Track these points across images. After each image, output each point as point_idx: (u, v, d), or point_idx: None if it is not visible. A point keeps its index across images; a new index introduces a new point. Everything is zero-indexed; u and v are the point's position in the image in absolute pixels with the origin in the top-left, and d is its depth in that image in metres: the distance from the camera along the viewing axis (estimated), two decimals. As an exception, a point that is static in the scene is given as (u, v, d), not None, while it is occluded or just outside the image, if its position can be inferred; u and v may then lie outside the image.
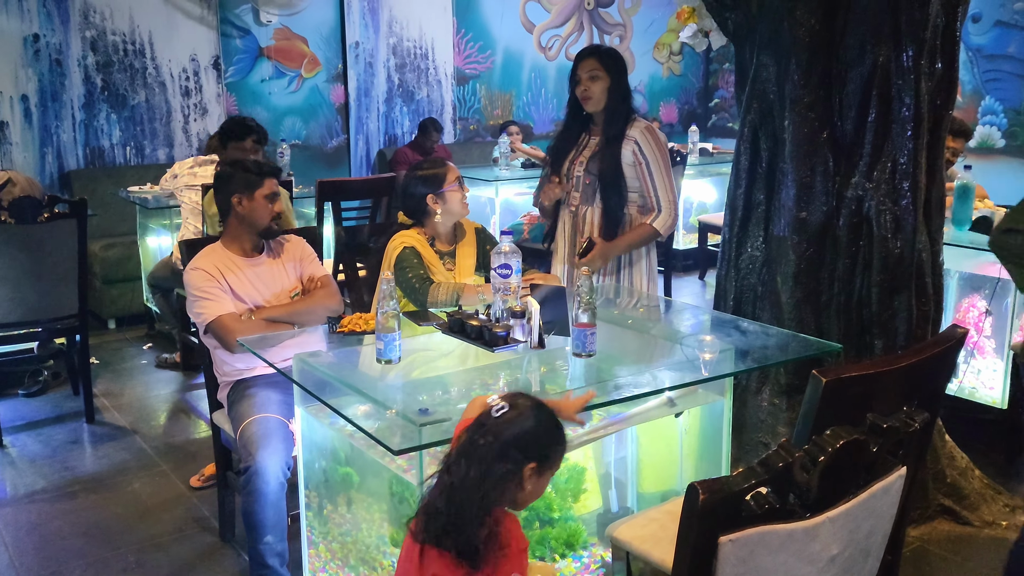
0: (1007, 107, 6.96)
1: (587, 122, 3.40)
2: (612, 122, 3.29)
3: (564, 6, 8.44)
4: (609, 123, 3.30)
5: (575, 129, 3.44)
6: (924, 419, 1.36)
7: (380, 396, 2.25)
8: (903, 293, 3.09)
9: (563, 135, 3.50)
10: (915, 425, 1.37)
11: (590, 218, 3.35)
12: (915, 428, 1.37)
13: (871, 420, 1.30)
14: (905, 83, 2.96)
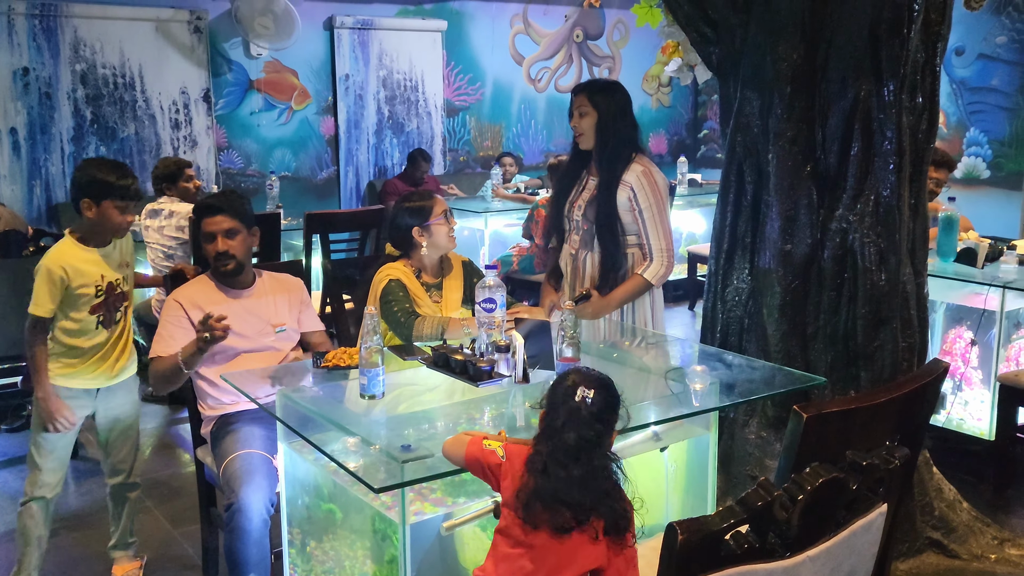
0: (991, 138, 7.03)
1: (589, 158, 3.29)
2: (607, 163, 3.17)
3: (553, 39, 8.53)
4: (604, 164, 3.18)
5: (577, 165, 3.34)
6: (904, 456, 1.35)
7: (364, 432, 2.24)
8: (888, 325, 3.10)
9: (567, 171, 3.40)
10: (895, 462, 1.37)
11: (589, 263, 3.27)
12: (895, 465, 1.37)
13: (850, 458, 1.30)
14: (887, 117, 2.99)
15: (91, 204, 2.83)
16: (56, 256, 2.86)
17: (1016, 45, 6.82)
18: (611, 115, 3.16)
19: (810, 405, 1.73)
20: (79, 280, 2.88)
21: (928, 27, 3.04)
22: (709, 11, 3.28)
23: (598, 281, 3.24)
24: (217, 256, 2.96)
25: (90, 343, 2.97)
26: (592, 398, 1.80)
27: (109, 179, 2.84)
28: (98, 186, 2.82)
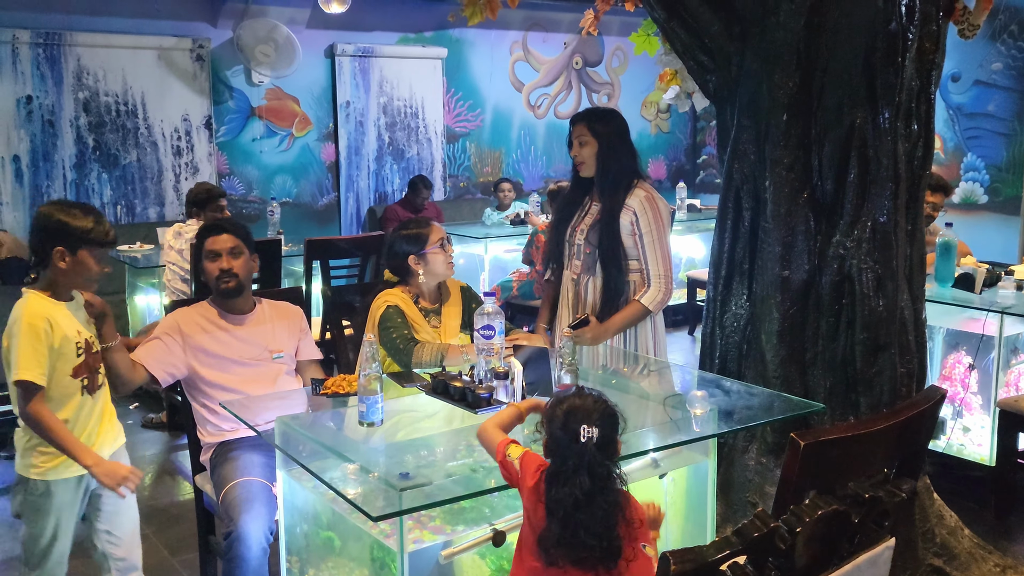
0: (988, 163, 7.07)
1: (590, 185, 3.31)
2: (610, 190, 3.20)
3: (553, 65, 8.59)
4: (606, 191, 3.21)
5: (578, 193, 3.36)
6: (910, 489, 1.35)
7: (362, 459, 2.24)
8: (887, 351, 3.10)
9: (568, 198, 3.42)
10: (901, 495, 1.36)
11: (591, 287, 3.28)
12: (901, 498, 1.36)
13: (852, 490, 1.30)
14: (882, 144, 3.01)
15: (64, 253, 2.45)
16: (32, 308, 2.44)
17: (1012, 72, 6.88)
18: (611, 143, 3.20)
19: (807, 432, 1.74)
20: (60, 336, 2.46)
21: (922, 55, 3.07)
22: (705, 40, 3.31)
23: (599, 307, 3.25)
24: (221, 274, 2.98)
25: (75, 415, 2.54)
26: (596, 434, 1.78)
27: (86, 225, 2.47)
28: (74, 233, 2.45)
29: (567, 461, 1.79)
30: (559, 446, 1.81)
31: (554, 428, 1.83)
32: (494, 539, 2.17)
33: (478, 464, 2.27)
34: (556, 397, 1.89)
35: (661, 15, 3.36)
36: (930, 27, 3.06)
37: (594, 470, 1.77)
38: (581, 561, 1.79)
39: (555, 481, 1.81)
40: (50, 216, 2.47)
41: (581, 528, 1.76)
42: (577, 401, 1.83)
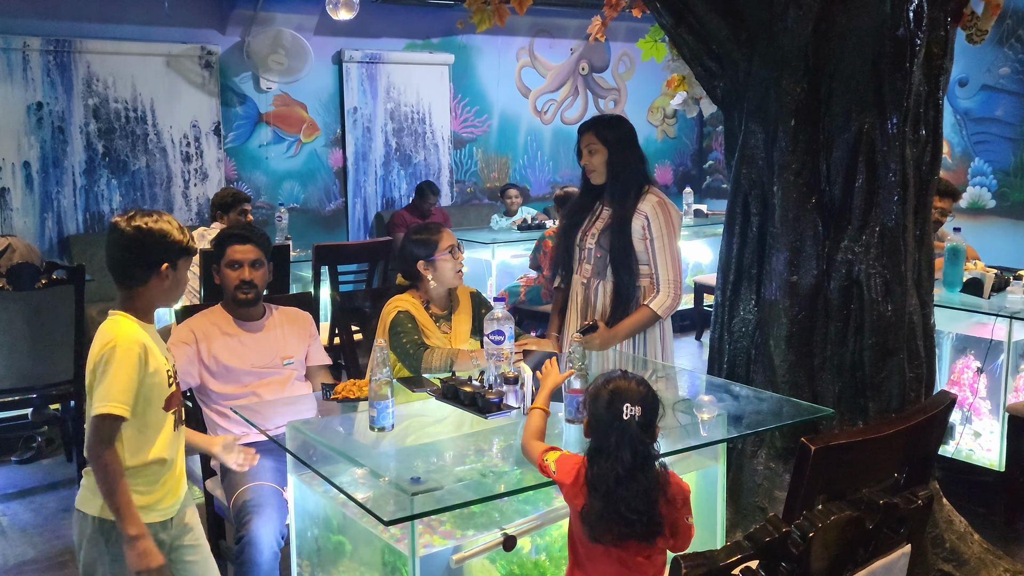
0: (996, 168, 7.06)
1: (600, 192, 3.33)
2: (620, 195, 3.22)
3: (559, 71, 8.61)
4: (616, 196, 3.23)
5: (588, 199, 3.38)
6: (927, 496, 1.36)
7: (373, 464, 2.25)
8: (895, 356, 3.10)
9: (577, 205, 3.44)
10: (917, 502, 1.36)
11: (602, 292, 3.29)
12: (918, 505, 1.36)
13: (867, 496, 1.30)
14: (890, 149, 3.02)
15: (169, 269, 2.20)
16: (127, 332, 2.15)
17: (1019, 76, 6.87)
18: (620, 149, 3.24)
19: (818, 437, 1.74)
20: (154, 364, 2.18)
21: (930, 60, 3.07)
22: (713, 45, 3.32)
23: (609, 311, 3.27)
24: (241, 284, 3.01)
25: (171, 453, 2.26)
26: (638, 414, 1.87)
27: (182, 236, 2.22)
28: (174, 246, 2.20)
29: (609, 438, 1.86)
30: (601, 423, 1.89)
31: (598, 406, 1.91)
32: (505, 543, 2.18)
33: (487, 469, 2.29)
34: (601, 377, 1.96)
35: (669, 21, 3.37)
36: (938, 32, 3.07)
37: (636, 448, 1.85)
38: (623, 536, 1.85)
39: (597, 457, 1.88)
40: (148, 230, 2.16)
41: (622, 503, 1.83)
42: (622, 382, 1.91)
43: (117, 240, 2.18)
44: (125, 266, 2.19)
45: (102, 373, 2.11)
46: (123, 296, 2.22)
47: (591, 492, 1.87)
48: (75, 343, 4.11)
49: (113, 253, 2.20)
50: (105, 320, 2.21)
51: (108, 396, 2.08)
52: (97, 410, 2.08)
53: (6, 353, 3.97)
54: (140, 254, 2.16)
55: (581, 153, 3.32)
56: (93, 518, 2.21)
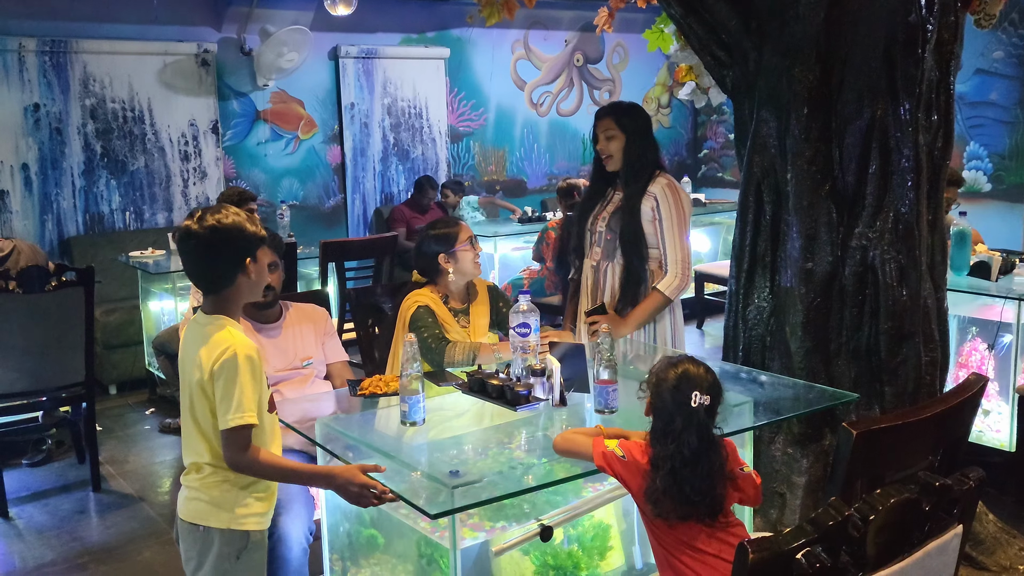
0: (992, 152, 7.11)
1: (613, 178, 3.36)
2: (633, 180, 3.26)
3: (554, 63, 8.61)
4: (629, 181, 3.27)
5: (601, 185, 3.41)
6: (978, 477, 1.38)
7: (406, 458, 2.27)
8: (911, 340, 3.13)
9: (590, 192, 3.46)
10: (969, 483, 1.38)
11: (611, 274, 3.32)
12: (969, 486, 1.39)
13: (923, 478, 1.32)
14: (903, 135, 3.04)
15: (251, 262, 2.14)
16: (241, 339, 2.11)
17: (1013, 60, 6.91)
18: (637, 136, 3.27)
19: (859, 422, 1.76)
20: (261, 368, 2.16)
21: (941, 46, 3.10)
22: (722, 35, 3.33)
23: (619, 293, 3.29)
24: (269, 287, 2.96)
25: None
26: (707, 402, 1.92)
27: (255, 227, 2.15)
28: (251, 237, 2.14)
29: (675, 421, 1.92)
30: (667, 407, 1.94)
31: (664, 390, 1.95)
32: (541, 534, 2.20)
33: (516, 461, 2.30)
34: (667, 360, 2.01)
35: (677, 11, 3.38)
36: (948, 18, 3.09)
37: (702, 433, 1.91)
38: (686, 516, 1.92)
39: (662, 438, 1.94)
40: (225, 227, 2.08)
41: (687, 484, 1.89)
42: (691, 368, 1.96)
43: (195, 247, 2.09)
44: (212, 270, 2.12)
45: (228, 383, 2.05)
46: (213, 301, 2.14)
47: (653, 471, 1.93)
48: (86, 345, 4.09)
49: (195, 261, 2.13)
50: (211, 325, 2.11)
51: (241, 407, 2.05)
52: (232, 422, 2.04)
53: (17, 356, 3.95)
54: (225, 254, 2.09)
55: (597, 138, 3.33)
56: (220, 532, 2.15)
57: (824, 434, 3.21)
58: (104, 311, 5.68)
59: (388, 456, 2.22)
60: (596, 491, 2.46)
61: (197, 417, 2.13)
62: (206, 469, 2.14)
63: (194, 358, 2.11)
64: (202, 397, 2.10)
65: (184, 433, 2.19)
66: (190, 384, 2.13)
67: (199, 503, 2.16)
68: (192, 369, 2.12)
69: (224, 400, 2.05)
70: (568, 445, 2.11)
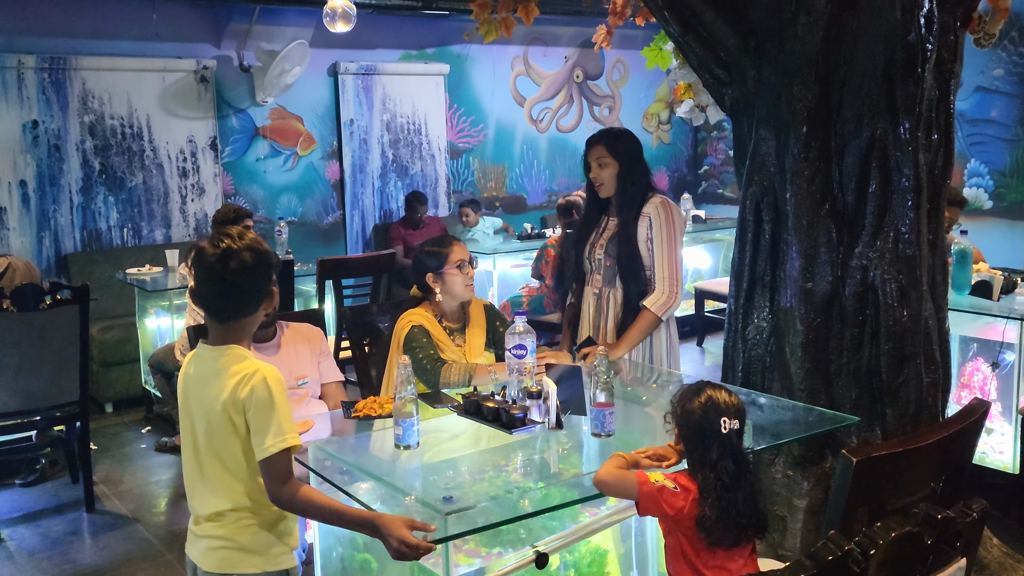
0: (992, 169, 7.09)
1: (606, 204, 3.36)
2: (627, 205, 3.25)
3: (554, 79, 8.61)
4: (623, 207, 3.26)
5: (595, 212, 3.40)
6: (981, 509, 1.34)
7: (398, 482, 2.23)
8: (912, 361, 3.10)
9: (584, 219, 3.45)
10: (972, 515, 1.35)
11: (613, 300, 3.30)
12: (973, 518, 1.35)
13: (925, 511, 1.29)
14: (903, 155, 3.02)
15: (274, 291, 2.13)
16: (262, 363, 2.04)
17: (1013, 77, 6.91)
18: (630, 162, 3.27)
19: (858, 449, 1.73)
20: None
21: (941, 66, 3.08)
22: (721, 53, 3.32)
23: (620, 319, 3.27)
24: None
25: None
26: (736, 426, 1.98)
27: (268, 248, 2.10)
28: (273, 260, 2.13)
29: (709, 450, 1.96)
30: (699, 437, 1.99)
31: (692, 420, 2.00)
32: (537, 561, 2.16)
33: (512, 485, 2.26)
34: (687, 389, 2.05)
35: (676, 29, 3.37)
36: (948, 37, 3.07)
37: (737, 457, 1.97)
38: (738, 541, 1.96)
39: (700, 468, 1.98)
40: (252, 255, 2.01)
41: (733, 509, 1.93)
42: (714, 394, 2.01)
43: (222, 276, 1.98)
44: (239, 298, 2.02)
45: (263, 408, 1.95)
46: (225, 330, 2.03)
47: (703, 498, 1.95)
48: (80, 363, 4.06)
49: (220, 290, 2.01)
50: (225, 356, 2.02)
51: (281, 430, 1.94)
52: (274, 448, 1.93)
53: (11, 375, 3.92)
54: (257, 283, 2.02)
55: (589, 166, 3.32)
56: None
57: (825, 456, 3.17)
58: (101, 328, 5.65)
59: (381, 480, 2.19)
60: (594, 516, 2.42)
61: (222, 459, 2.01)
62: (230, 516, 2.03)
63: (211, 394, 2.00)
64: (229, 434, 1.99)
65: (200, 481, 2.06)
66: (209, 423, 2.01)
67: (227, 551, 2.03)
68: (210, 406, 2.00)
69: (262, 428, 1.95)
70: (613, 480, 2.01)
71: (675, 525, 1.99)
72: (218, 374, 2.00)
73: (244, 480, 2.01)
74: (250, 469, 2.00)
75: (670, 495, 1.98)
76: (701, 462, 1.98)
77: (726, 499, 1.94)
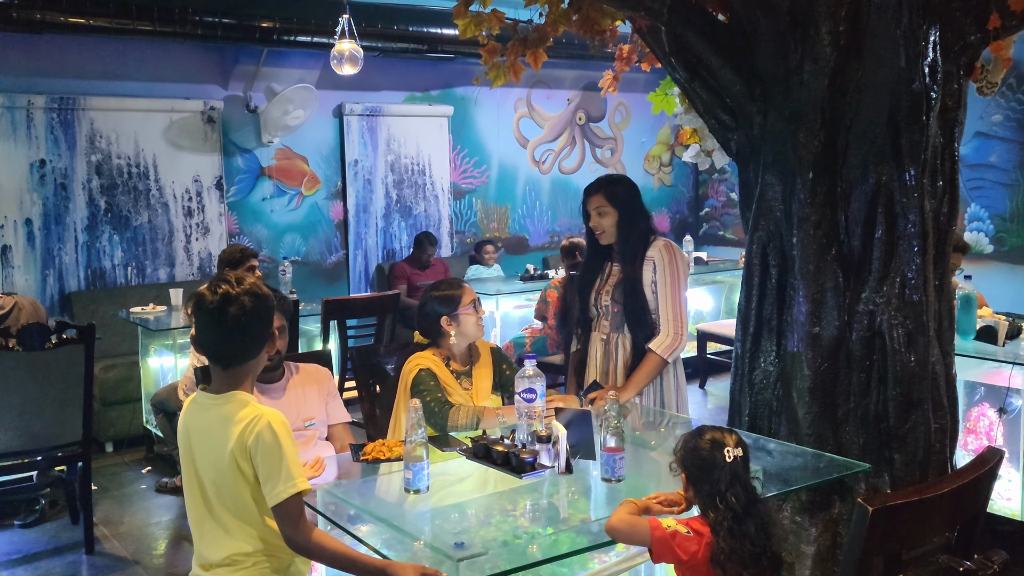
0: (993, 214, 7.13)
1: (608, 250, 3.37)
2: (630, 252, 3.26)
3: (557, 121, 8.69)
4: (626, 254, 3.27)
5: (598, 260, 3.40)
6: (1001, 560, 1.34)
7: (408, 527, 2.21)
8: (920, 407, 3.09)
9: (587, 267, 3.45)
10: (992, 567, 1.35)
11: (621, 346, 3.31)
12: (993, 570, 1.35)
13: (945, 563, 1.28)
14: (909, 201, 3.04)
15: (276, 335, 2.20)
16: (266, 408, 2.09)
17: (1012, 123, 6.98)
18: (629, 208, 3.28)
19: (875, 498, 1.72)
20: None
21: (945, 113, 3.11)
22: (727, 99, 3.35)
23: (630, 364, 3.27)
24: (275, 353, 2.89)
25: None
26: (740, 454, 2.03)
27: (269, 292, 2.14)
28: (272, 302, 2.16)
29: (719, 483, 2.01)
30: (707, 470, 2.03)
31: (698, 457, 2.05)
32: (547, 609, 2.13)
33: (520, 530, 2.24)
34: (690, 434, 2.12)
35: (683, 75, 3.41)
36: (952, 85, 3.11)
37: (746, 485, 2.02)
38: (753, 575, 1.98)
39: (711, 502, 2.01)
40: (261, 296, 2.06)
41: (747, 540, 1.97)
42: (716, 433, 2.09)
43: (222, 322, 2.00)
44: (240, 343, 2.04)
45: (270, 455, 1.98)
46: (228, 376, 2.06)
47: (715, 535, 1.98)
48: (84, 403, 4.04)
49: (221, 337, 2.03)
50: (229, 404, 2.05)
51: (291, 475, 1.97)
52: (289, 492, 1.96)
53: (14, 414, 3.90)
54: (256, 328, 2.05)
55: (589, 215, 3.33)
56: None
57: (833, 502, 3.15)
58: (103, 367, 5.63)
59: (391, 525, 2.18)
60: (603, 563, 2.40)
61: (235, 506, 2.03)
62: (243, 561, 2.06)
63: (218, 443, 2.01)
64: (238, 482, 2.01)
65: (211, 526, 2.08)
66: (217, 472, 2.02)
67: None
68: (217, 456, 2.01)
69: (271, 474, 1.96)
70: (625, 526, 2.02)
71: (690, 572, 1.98)
72: (223, 422, 2.02)
73: (257, 525, 2.05)
74: (262, 514, 2.03)
75: (683, 540, 1.97)
76: (711, 495, 2.01)
77: (738, 531, 1.96)
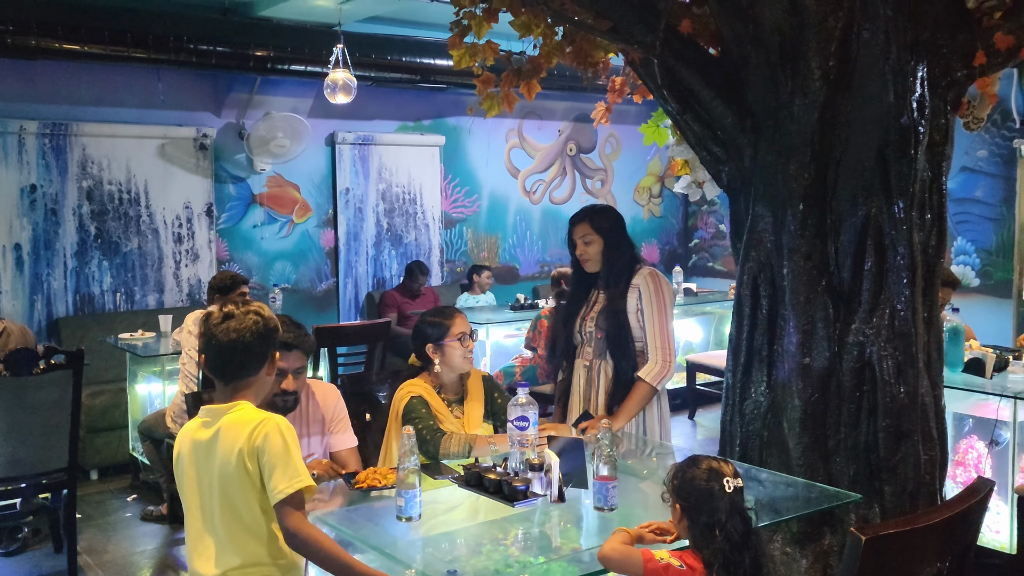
0: (979, 247, 7.21)
1: (593, 278, 3.39)
2: (614, 280, 3.29)
3: (547, 152, 8.76)
4: (611, 281, 3.30)
5: (583, 288, 3.43)
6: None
7: (400, 555, 2.20)
8: (910, 438, 3.10)
9: (573, 296, 3.47)
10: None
11: (603, 373, 3.32)
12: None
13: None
14: (898, 234, 3.07)
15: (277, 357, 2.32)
16: (269, 412, 2.20)
17: (997, 159, 7.07)
18: (614, 237, 3.31)
19: (867, 527, 1.73)
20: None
21: (932, 148, 3.16)
22: (718, 132, 3.40)
23: (611, 392, 3.27)
24: (283, 393, 2.83)
25: None
26: (738, 484, 2.02)
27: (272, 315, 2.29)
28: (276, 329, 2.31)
29: (716, 512, 1.99)
30: (704, 502, 2.00)
31: (694, 488, 2.02)
32: (540, 639, 2.12)
33: (512, 559, 2.24)
34: (684, 463, 2.10)
35: (674, 108, 3.45)
36: (939, 121, 3.16)
37: (744, 515, 2.01)
38: None
39: (707, 535, 1.98)
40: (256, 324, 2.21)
41: (740, 570, 1.95)
42: (712, 462, 2.07)
43: (222, 338, 2.16)
44: (239, 359, 2.17)
45: (277, 452, 2.07)
46: (231, 389, 2.20)
47: (708, 570, 1.96)
48: (71, 430, 4.01)
49: (222, 352, 2.17)
50: (236, 410, 2.16)
51: (297, 472, 2.07)
52: (291, 488, 2.05)
53: (0, 440, 3.86)
54: (253, 343, 2.17)
55: (575, 244, 3.36)
56: None
57: (823, 533, 3.15)
58: (90, 393, 5.59)
59: (383, 553, 2.16)
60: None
61: (240, 513, 2.10)
62: (250, 571, 2.12)
63: (226, 446, 2.10)
64: (245, 485, 2.09)
65: (213, 539, 2.12)
66: (224, 477, 2.10)
67: None
68: (224, 459, 2.10)
69: (277, 470, 2.05)
70: (618, 556, 2.03)
71: None
72: (231, 426, 2.13)
73: (262, 535, 2.10)
74: (267, 523, 2.09)
75: (676, 573, 1.97)
76: (709, 526, 1.99)
77: (733, 562, 1.94)
